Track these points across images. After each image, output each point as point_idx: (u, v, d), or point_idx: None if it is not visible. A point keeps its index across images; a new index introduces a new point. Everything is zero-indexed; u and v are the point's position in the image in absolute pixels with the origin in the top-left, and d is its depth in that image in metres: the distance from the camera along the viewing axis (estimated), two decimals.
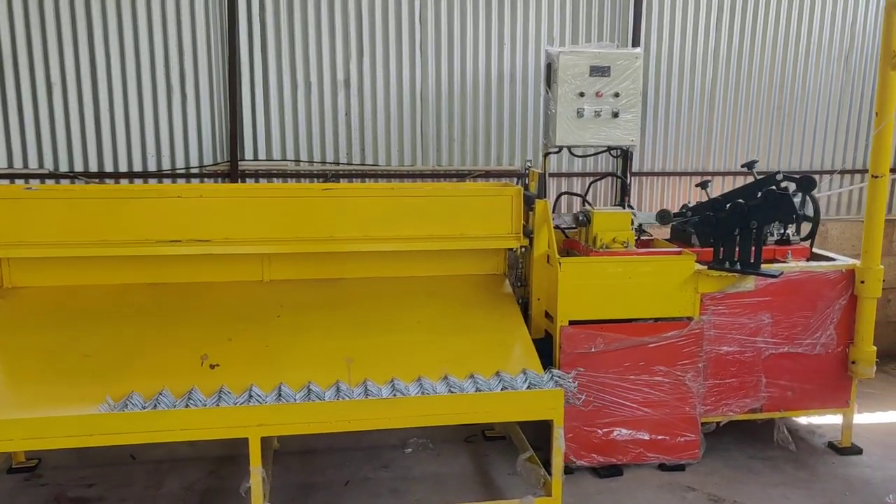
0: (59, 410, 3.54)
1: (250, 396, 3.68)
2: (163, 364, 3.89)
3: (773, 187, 4.23)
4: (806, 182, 4.26)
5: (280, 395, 3.72)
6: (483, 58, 5.70)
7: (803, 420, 5.24)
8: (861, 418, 5.30)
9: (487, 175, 5.77)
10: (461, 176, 5.78)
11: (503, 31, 5.69)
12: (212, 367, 3.92)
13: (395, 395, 3.73)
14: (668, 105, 6.02)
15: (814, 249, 4.93)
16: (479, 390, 3.81)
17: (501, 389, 3.83)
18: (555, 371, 4.07)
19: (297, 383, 3.82)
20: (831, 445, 4.87)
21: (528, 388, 3.85)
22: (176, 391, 3.70)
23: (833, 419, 5.03)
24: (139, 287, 4.34)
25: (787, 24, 6.03)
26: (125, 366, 3.86)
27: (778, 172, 4.24)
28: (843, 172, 6.34)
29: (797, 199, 4.36)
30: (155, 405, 3.57)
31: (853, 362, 4.65)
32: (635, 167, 6.04)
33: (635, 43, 5.82)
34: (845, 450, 4.80)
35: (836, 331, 4.66)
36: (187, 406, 3.57)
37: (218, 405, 3.59)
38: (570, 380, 4.03)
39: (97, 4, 5.17)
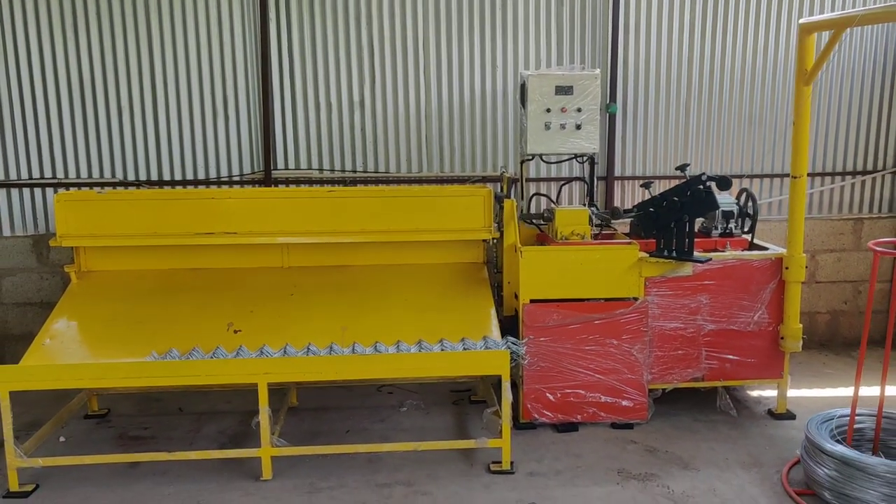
0: (117, 359, 4.64)
1: (262, 352, 4.70)
2: (197, 329, 4.95)
3: (700, 186, 5.00)
4: (723, 181, 5.00)
5: (285, 352, 4.73)
6: (478, 80, 6.62)
7: (755, 393, 5.93)
8: (811, 392, 5.98)
9: (483, 180, 6.67)
10: (461, 180, 6.69)
11: (496, 57, 6.59)
12: (235, 332, 4.96)
13: (375, 353, 4.69)
14: (647, 116, 6.79)
15: (755, 241, 5.64)
16: (444, 350, 4.72)
17: (462, 350, 4.73)
18: (509, 338, 4.96)
19: (301, 344, 4.82)
20: (769, 412, 5.55)
21: (484, 350, 4.74)
22: (206, 348, 4.75)
23: (796, 392, 5.70)
24: (182, 271, 5.46)
25: (755, 39, 6.71)
26: (168, 330, 4.94)
27: (703, 173, 5.00)
28: (811, 175, 6.95)
29: (738, 199, 5.10)
30: (188, 357, 4.63)
31: (782, 338, 5.35)
32: (617, 172, 6.83)
33: (614, 61, 6.62)
34: (780, 415, 5.48)
35: (768, 310, 5.37)
36: (212, 358, 4.61)
37: (236, 358, 4.62)
38: (521, 346, 4.90)
39: (157, 43, 6.33)
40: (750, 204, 5.62)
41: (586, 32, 6.62)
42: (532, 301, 5.22)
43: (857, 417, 4.59)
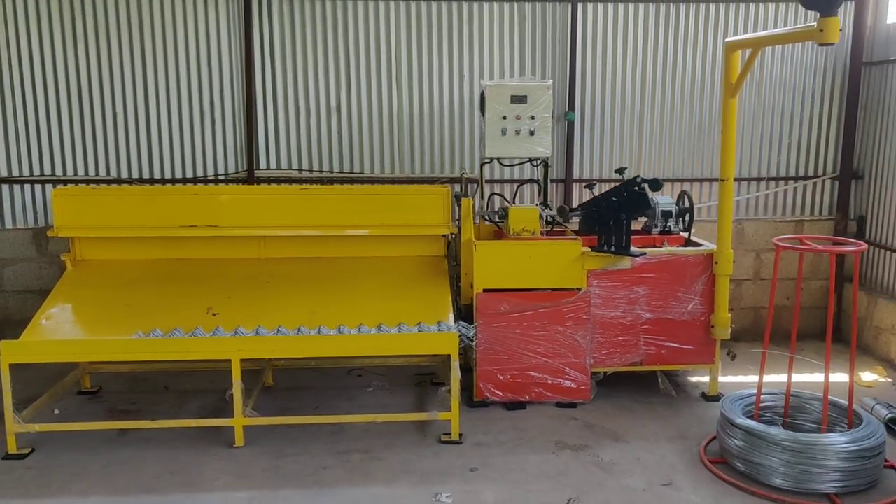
0: (106, 337, 5.17)
1: (236, 332, 5.23)
2: (179, 312, 5.47)
3: (635, 188, 5.53)
4: (654, 183, 5.53)
5: (258, 332, 5.25)
6: (447, 88, 7.16)
7: (694, 378, 6.45)
8: (745, 378, 6.46)
9: (452, 181, 7.20)
10: (430, 181, 7.22)
11: (462, 67, 7.14)
12: (214, 315, 5.49)
13: (338, 334, 5.22)
14: (603, 123, 7.33)
15: (691, 238, 6.17)
16: (401, 332, 5.26)
17: (417, 332, 5.27)
18: (461, 323, 5.49)
19: (272, 326, 5.33)
20: (703, 395, 6.08)
21: (437, 332, 5.27)
22: (186, 329, 5.28)
23: (725, 378, 6.21)
24: (167, 261, 6.01)
25: (704, 54, 7.24)
26: (153, 313, 5.46)
27: (637, 176, 5.53)
28: (758, 179, 7.49)
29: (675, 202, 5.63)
30: (170, 336, 5.16)
31: (713, 326, 5.88)
32: (575, 175, 7.37)
33: (572, 72, 7.15)
34: (712, 398, 5.99)
35: (701, 301, 5.90)
36: (191, 336, 5.14)
37: (213, 336, 5.15)
38: (471, 329, 5.44)
39: (150, 51, 6.88)
40: (687, 204, 6.15)
41: (546, 46, 7.16)
42: (485, 290, 5.75)
43: (768, 396, 5.14)
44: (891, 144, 6.98)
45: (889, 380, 6.39)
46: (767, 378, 5.07)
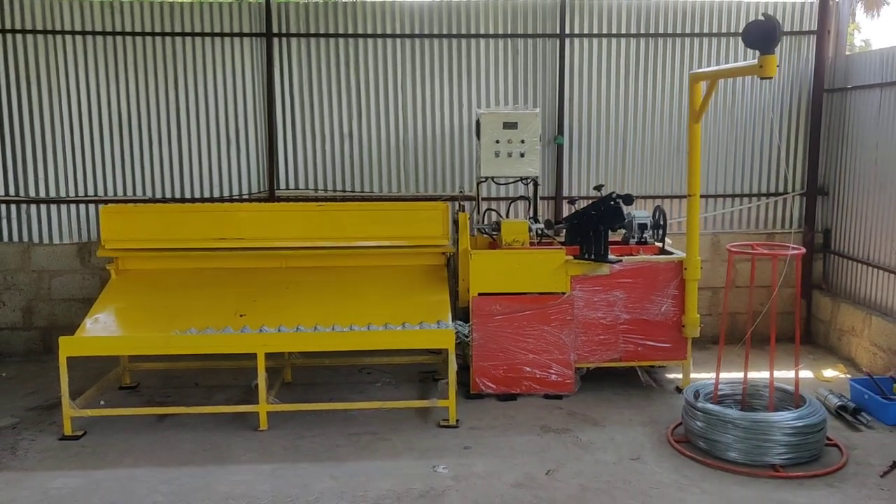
0: (147, 333, 5.95)
1: (261, 330, 5.99)
2: (211, 314, 6.23)
3: (611, 202, 6.27)
4: (627, 198, 6.27)
5: (279, 330, 6.01)
6: (447, 116, 7.96)
7: (671, 375, 7.13)
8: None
9: (451, 198, 7.96)
10: (432, 198, 7.98)
11: (461, 97, 7.94)
12: (241, 316, 6.24)
13: (350, 331, 5.97)
14: (589, 146, 8.09)
15: (665, 248, 6.89)
16: (405, 329, 6.00)
17: (419, 329, 6.01)
18: (458, 322, 6.23)
19: (292, 325, 6.09)
20: (676, 388, 6.77)
21: (436, 329, 6.01)
22: (217, 327, 6.04)
23: (698, 374, 6.88)
24: (199, 270, 6.78)
25: (680, 83, 8.01)
26: (188, 314, 6.23)
27: (613, 192, 6.28)
28: (732, 196, 8.21)
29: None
30: (203, 333, 5.93)
31: (684, 326, 6.58)
32: (565, 192, 8.12)
33: (561, 99, 7.93)
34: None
35: (673, 304, 6.61)
36: (222, 333, 5.91)
37: (240, 333, 5.92)
38: (466, 327, 6.18)
39: (182, 85, 7.73)
40: (661, 218, 6.88)
41: (538, 76, 7.96)
42: (480, 294, 6.48)
43: (727, 386, 5.85)
44: (852, 164, 7.70)
45: (848, 376, 7.04)
46: (734, 375, 5.76)
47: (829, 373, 7.17)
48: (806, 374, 7.10)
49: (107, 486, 5.02)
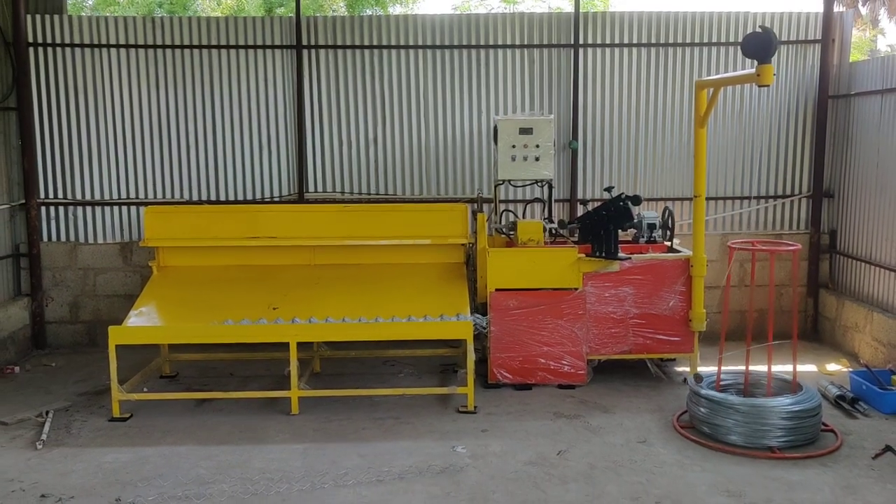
0: (188, 324, 6.44)
1: (293, 321, 6.44)
2: (246, 307, 6.69)
3: (620, 203, 6.66)
4: (636, 199, 6.64)
5: (310, 321, 6.46)
6: (467, 122, 8.40)
7: (679, 368, 7.48)
8: (724, 367, 7.47)
9: (471, 200, 8.38)
10: (453, 200, 8.40)
11: (481, 104, 8.37)
12: (274, 308, 6.71)
13: (375, 322, 6.41)
14: (603, 151, 8.48)
15: (673, 246, 7.26)
16: (426, 321, 6.43)
17: (439, 321, 6.44)
18: (476, 315, 6.64)
19: (322, 316, 6.53)
20: (684, 380, 7.11)
21: (455, 321, 6.43)
22: (252, 319, 6.50)
23: (706, 368, 7.20)
24: (235, 266, 7.28)
25: (690, 90, 8.35)
26: (225, 307, 6.70)
27: (622, 193, 6.67)
28: (741, 199, 8.55)
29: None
30: (240, 324, 6.39)
31: (691, 320, 6.94)
32: (579, 195, 8.51)
33: (575, 106, 8.33)
34: None
35: (680, 299, 6.97)
36: (257, 324, 6.37)
37: (274, 324, 6.38)
38: (483, 320, 6.59)
39: (218, 95, 8.24)
40: (669, 219, 7.25)
41: (553, 84, 8.37)
42: (497, 290, 6.89)
43: (729, 376, 6.20)
44: (856, 167, 8.01)
45: (850, 369, 7.34)
46: (738, 367, 6.12)
47: (832, 366, 7.48)
48: (810, 367, 7.44)
49: (153, 461, 5.49)
